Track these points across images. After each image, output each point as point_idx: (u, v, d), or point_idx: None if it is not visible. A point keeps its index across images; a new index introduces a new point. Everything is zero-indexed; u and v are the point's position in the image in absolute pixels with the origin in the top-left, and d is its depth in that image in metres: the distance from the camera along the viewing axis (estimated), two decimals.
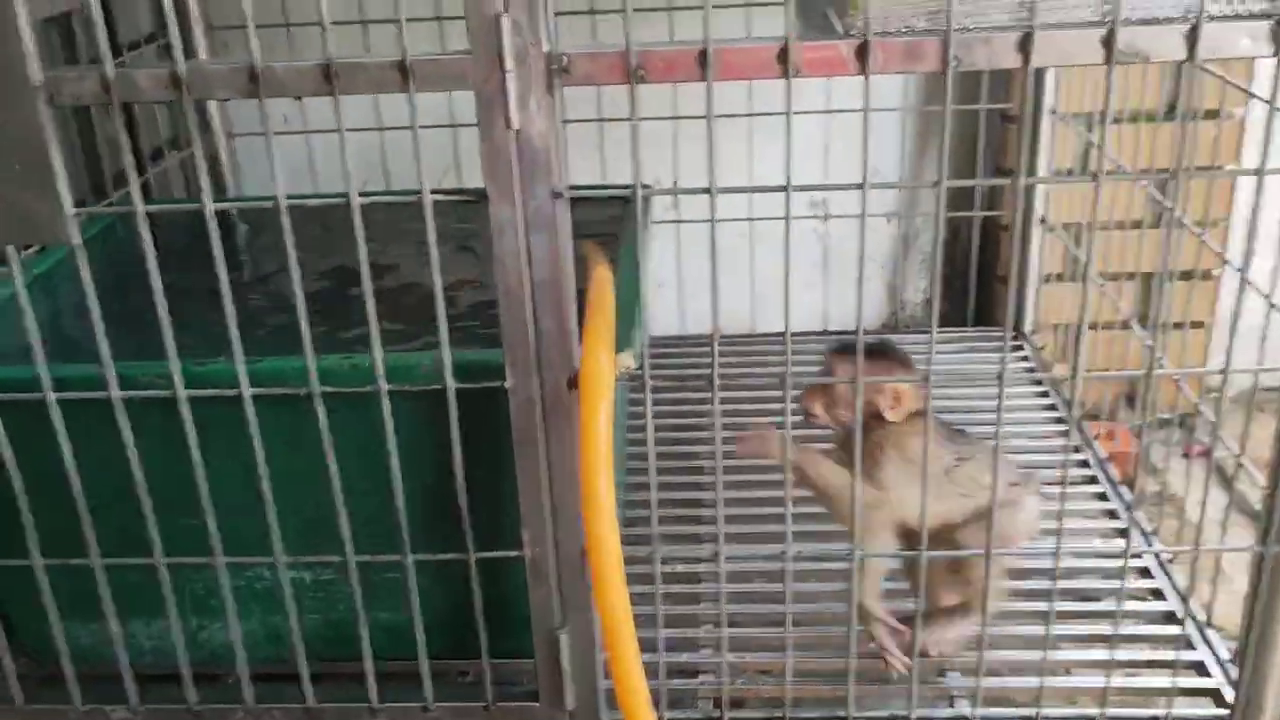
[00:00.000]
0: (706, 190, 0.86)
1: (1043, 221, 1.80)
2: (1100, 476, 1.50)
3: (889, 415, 1.06)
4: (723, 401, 0.96)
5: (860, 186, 0.85)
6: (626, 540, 0.92)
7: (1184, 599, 1.25)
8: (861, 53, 0.81)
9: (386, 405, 0.95)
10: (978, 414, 1.58)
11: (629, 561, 0.92)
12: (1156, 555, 1.34)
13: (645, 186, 0.92)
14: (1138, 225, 1.72)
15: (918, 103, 1.92)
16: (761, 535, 1.36)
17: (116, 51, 1.59)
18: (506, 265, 0.91)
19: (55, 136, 0.87)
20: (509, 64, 0.83)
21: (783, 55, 0.82)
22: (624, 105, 0.84)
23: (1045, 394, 1.71)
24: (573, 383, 0.94)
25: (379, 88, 0.86)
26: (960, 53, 0.81)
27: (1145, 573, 1.32)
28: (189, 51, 1.66)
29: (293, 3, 1.72)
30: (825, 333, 1.93)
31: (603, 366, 0.90)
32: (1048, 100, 1.73)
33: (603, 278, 1.08)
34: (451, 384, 0.95)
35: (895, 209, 2.03)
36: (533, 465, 0.97)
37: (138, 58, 1.68)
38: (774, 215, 0.91)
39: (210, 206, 0.87)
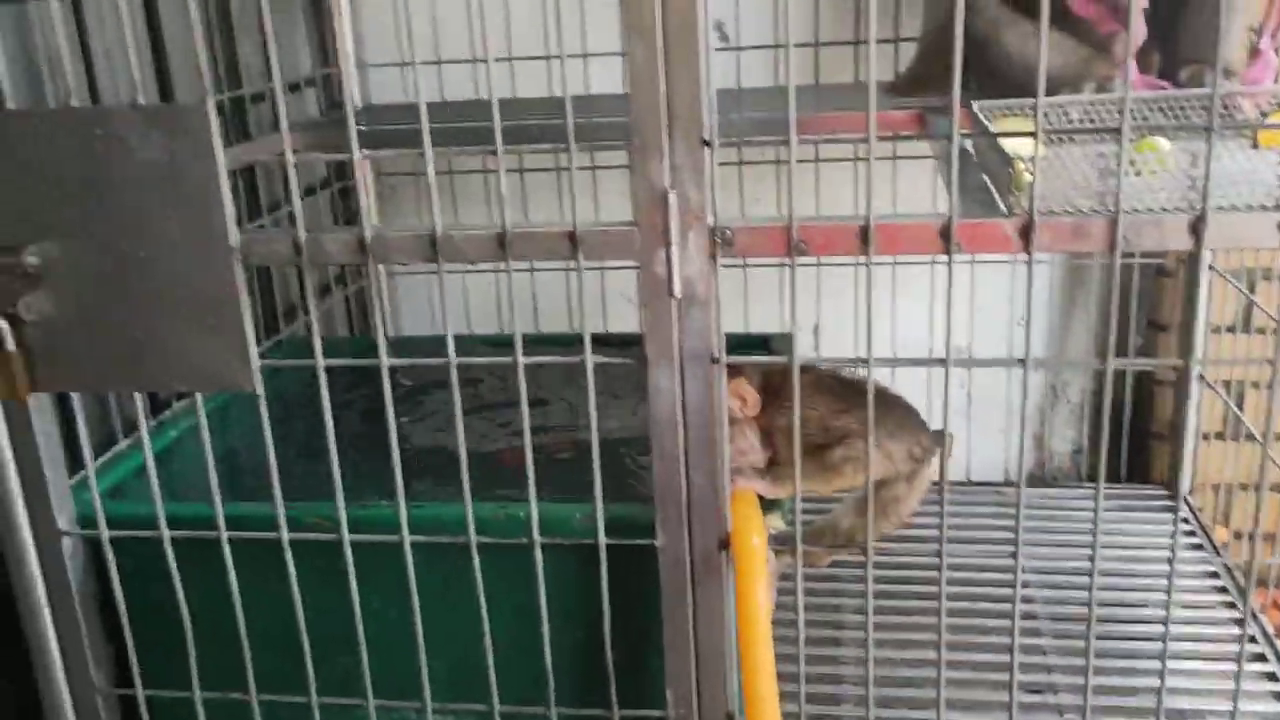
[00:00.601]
0: (864, 362, 0.87)
1: (1201, 378, 1.74)
2: (1269, 653, 1.41)
3: (744, 413, 1.17)
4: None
5: (1022, 363, 0.85)
6: None
7: None
8: (1026, 231, 0.82)
9: (539, 556, 0.97)
10: (1135, 577, 1.52)
11: None
12: None
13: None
14: None
15: (1065, 254, 1.90)
16: (909, 699, 1.32)
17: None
18: (662, 426, 0.92)
19: (246, 293, 0.93)
20: (674, 237, 0.86)
21: (945, 232, 0.83)
22: None
23: (1204, 557, 1.63)
24: (723, 544, 0.95)
25: (548, 255, 0.90)
26: (1129, 234, 0.80)
27: None
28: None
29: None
30: (969, 483, 1.89)
31: (753, 538, 0.91)
32: (1205, 256, 1.69)
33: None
34: (603, 539, 0.96)
35: (1042, 357, 1.99)
36: (681, 625, 0.97)
37: (313, 203, 1.79)
38: (919, 364, 0.91)
39: (385, 363, 0.92)
